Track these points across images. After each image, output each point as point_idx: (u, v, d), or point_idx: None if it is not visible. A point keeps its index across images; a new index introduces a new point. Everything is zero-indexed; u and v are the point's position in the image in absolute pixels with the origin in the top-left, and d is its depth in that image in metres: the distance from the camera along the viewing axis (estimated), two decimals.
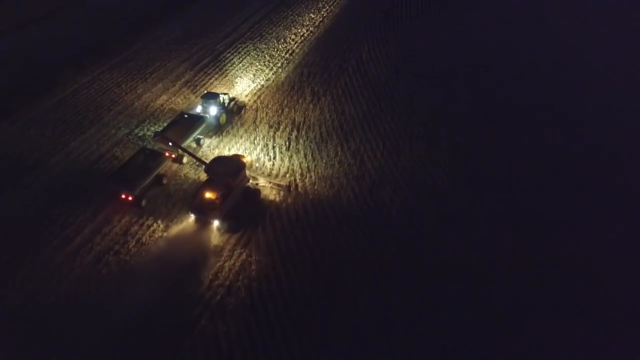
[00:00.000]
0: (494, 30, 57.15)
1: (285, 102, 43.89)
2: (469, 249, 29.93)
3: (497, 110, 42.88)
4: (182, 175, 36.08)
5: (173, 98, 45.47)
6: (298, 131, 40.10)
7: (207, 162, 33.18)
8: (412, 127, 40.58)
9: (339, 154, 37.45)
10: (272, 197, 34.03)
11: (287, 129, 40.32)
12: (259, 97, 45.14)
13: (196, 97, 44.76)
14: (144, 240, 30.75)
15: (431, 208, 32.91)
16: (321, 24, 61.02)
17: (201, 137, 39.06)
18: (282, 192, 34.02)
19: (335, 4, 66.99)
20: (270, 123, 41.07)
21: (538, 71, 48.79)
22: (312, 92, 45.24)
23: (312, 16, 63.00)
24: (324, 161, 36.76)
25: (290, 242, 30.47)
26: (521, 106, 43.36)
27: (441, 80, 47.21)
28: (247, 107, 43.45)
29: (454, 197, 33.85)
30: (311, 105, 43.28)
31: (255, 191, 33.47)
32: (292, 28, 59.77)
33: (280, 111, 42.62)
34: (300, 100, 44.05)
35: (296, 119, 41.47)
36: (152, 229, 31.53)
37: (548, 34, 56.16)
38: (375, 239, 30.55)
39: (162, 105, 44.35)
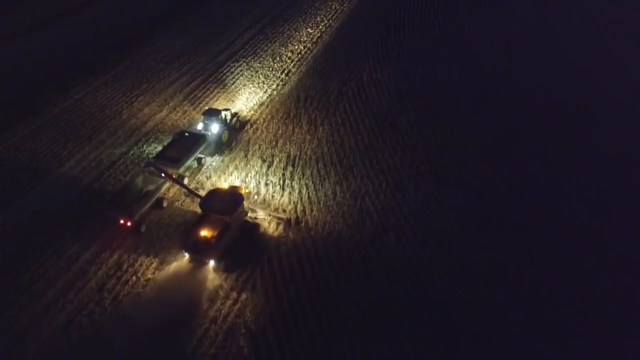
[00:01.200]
0: (503, 47, 53.99)
1: (280, 132, 40.71)
2: (482, 309, 26.78)
3: (510, 141, 39.69)
4: (183, 198, 33.99)
5: (160, 125, 42.27)
6: (293, 167, 36.92)
7: (202, 195, 30.93)
8: (418, 161, 37.42)
9: (338, 194, 34.29)
10: (271, 230, 31.52)
11: (282, 164, 37.15)
12: (251, 125, 41.94)
13: (184, 124, 41.56)
14: (133, 282, 28.19)
15: (439, 257, 29.77)
16: (319, 39, 57.90)
17: (202, 156, 37.09)
18: (282, 226, 31.61)
19: (334, 17, 63.88)
20: (264, 157, 37.89)
21: (554, 100, 45.62)
22: (309, 121, 42.06)
23: (310, 31, 59.88)
24: (321, 203, 33.59)
25: (290, 288, 27.76)
26: (537, 137, 40.14)
27: (448, 105, 44.05)
28: (238, 138, 40.32)
29: (464, 243, 30.71)
30: (308, 136, 40.10)
31: (254, 225, 31.13)
32: (289, 44, 56.61)
33: (274, 143, 39.44)
34: (296, 130, 40.87)
35: (291, 152, 38.28)
36: (144, 268, 28.95)
37: (565, 64, 52.97)
38: (378, 295, 27.39)
39: (147, 133, 41.16)
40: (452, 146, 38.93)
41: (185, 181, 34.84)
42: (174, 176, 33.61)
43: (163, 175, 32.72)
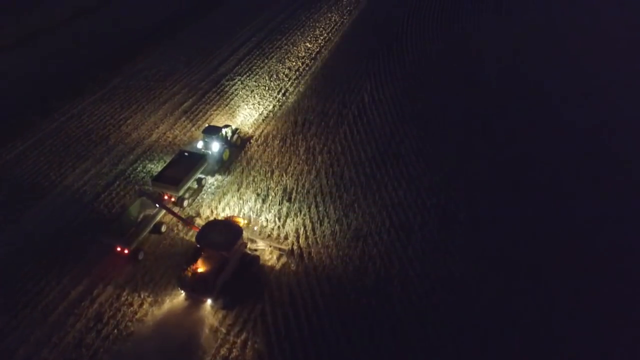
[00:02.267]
0: (511, 63, 51.59)
1: (276, 161, 38.20)
2: None
3: (522, 171, 37.27)
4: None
5: (148, 152, 39.76)
6: (290, 202, 34.44)
7: (199, 227, 29.36)
8: (424, 195, 34.98)
9: (338, 234, 31.81)
10: (272, 262, 29.72)
11: (277, 199, 34.65)
12: (245, 153, 39.43)
13: (174, 149, 38.81)
14: (127, 320, 26.37)
15: (448, 309, 27.32)
16: (318, 55, 55.40)
17: (203, 176, 35.97)
18: (283, 257, 29.97)
19: (334, 30, 61.40)
20: (258, 191, 35.37)
21: (566, 120, 43.23)
22: (306, 149, 39.56)
23: (309, 46, 57.38)
24: (319, 244, 31.13)
25: (299, 310, 26.36)
26: (552, 163, 37.67)
27: (454, 130, 41.61)
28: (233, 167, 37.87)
29: (475, 293, 28.28)
30: (305, 167, 37.60)
31: (254, 258, 29.27)
32: (286, 60, 54.12)
33: (269, 174, 36.93)
34: (293, 159, 38.36)
35: (288, 186, 35.79)
36: (136, 306, 27.08)
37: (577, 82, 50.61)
38: (382, 355, 24.96)
39: (134, 161, 38.69)
40: (460, 177, 36.49)
41: (185, 203, 33.80)
42: (172, 199, 33.01)
43: (157, 205, 31.33)
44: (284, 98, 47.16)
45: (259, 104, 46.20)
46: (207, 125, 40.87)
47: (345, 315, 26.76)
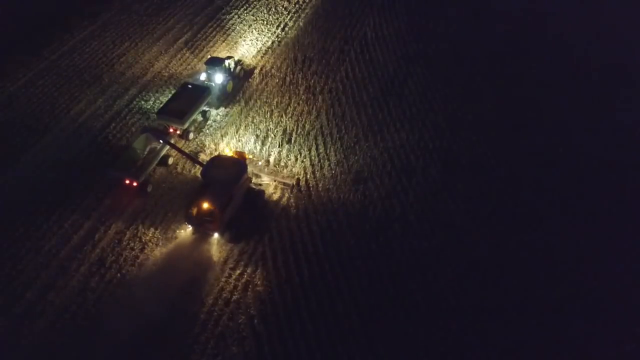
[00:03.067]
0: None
1: (276, 101, 37.02)
2: (492, 316, 24.84)
3: (527, 114, 36.14)
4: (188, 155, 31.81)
5: (144, 93, 38.50)
6: (290, 143, 33.72)
7: (204, 162, 29.24)
8: (426, 137, 34.18)
9: (339, 177, 31.38)
10: (277, 196, 30.13)
11: (277, 140, 33.87)
12: (244, 93, 38.16)
13: (170, 89, 37.59)
14: (135, 254, 27.17)
15: (447, 253, 27.47)
16: None
17: (207, 109, 35.67)
18: (289, 192, 30.26)
19: None
20: (257, 132, 34.54)
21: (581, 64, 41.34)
22: (307, 88, 38.21)
23: None
24: (320, 188, 30.79)
25: (299, 255, 26.69)
26: (562, 109, 36.37)
27: (461, 70, 39.95)
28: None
29: (475, 237, 28.29)
30: (306, 107, 36.49)
31: (259, 192, 29.70)
32: None
33: (269, 114, 35.92)
34: (293, 99, 37.17)
35: (288, 127, 34.90)
36: (147, 237, 27.90)
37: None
38: (380, 297, 25.37)
39: (130, 101, 37.58)
40: (464, 119, 35.49)
41: (191, 136, 33.88)
42: (178, 131, 32.87)
43: (161, 142, 31.18)
44: (283, 33, 45.02)
45: (257, 40, 44.20)
46: (209, 56, 39.51)
47: (345, 260, 26.89)
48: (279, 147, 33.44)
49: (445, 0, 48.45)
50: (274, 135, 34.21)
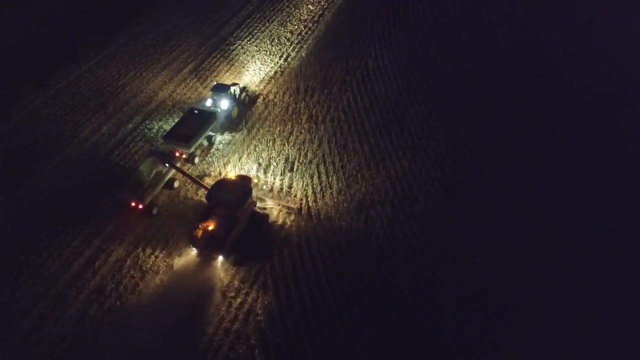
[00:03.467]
0: (522, 32, 49.53)
1: (278, 130, 37.32)
2: (499, 346, 24.31)
3: (529, 142, 36.28)
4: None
5: (147, 122, 38.87)
6: (292, 171, 33.79)
7: (209, 186, 29.69)
8: (429, 165, 34.26)
9: (341, 205, 31.31)
10: (280, 222, 30.22)
11: (279, 169, 33.98)
12: (246, 121, 38.53)
13: (174, 119, 37.94)
14: (137, 281, 26.99)
15: (452, 281, 27.11)
16: (321, 18, 53.44)
17: (213, 134, 36.22)
18: (292, 217, 30.46)
19: None
20: (260, 160, 34.68)
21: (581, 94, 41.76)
22: (309, 117, 38.59)
23: (311, 8, 55.27)
24: (322, 216, 30.71)
25: (301, 283, 26.43)
26: (562, 140, 36.53)
27: (462, 99, 40.36)
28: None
29: (479, 266, 27.98)
30: (308, 136, 36.77)
31: (264, 216, 29.92)
32: (288, 24, 52.28)
33: (271, 143, 36.18)
34: (295, 128, 37.48)
35: (290, 155, 35.08)
36: (147, 265, 27.74)
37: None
38: (385, 326, 24.89)
39: (134, 129, 37.86)
40: (465, 148, 35.63)
41: (196, 160, 34.30)
42: (183, 156, 33.35)
43: (167, 165, 31.65)
44: (285, 63, 45.77)
45: (260, 70, 44.91)
46: (214, 83, 40.33)
47: (347, 289, 26.54)
48: (281, 175, 33.51)
49: (445, 31, 49.31)
50: (277, 164, 34.36)
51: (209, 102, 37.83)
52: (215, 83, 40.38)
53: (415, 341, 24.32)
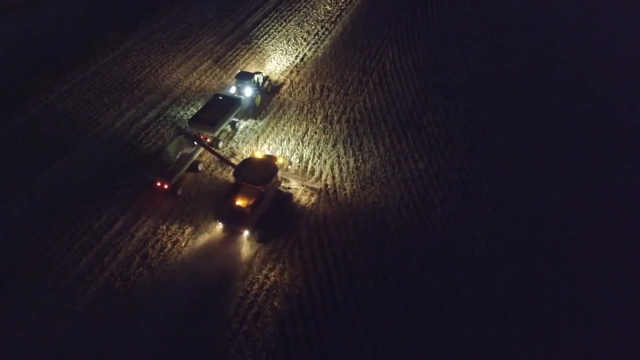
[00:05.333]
0: (543, 35, 48.51)
1: (293, 129, 36.77)
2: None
3: (549, 148, 35.29)
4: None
5: (161, 117, 38.60)
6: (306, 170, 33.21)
7: (236, 164, 30.54)
8: (445, 169, 33.40)
9: (355, 208, 30.61)
10: (304, 201, 30.93)
11: (293, 169, 33.39)
12: (261, 119, 38.06)
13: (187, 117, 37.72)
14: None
15: (467, 290, 26.22)
16: (338, 19, 52.89)
17: (237, 120, 37.04)
18: (315, 196, 31.10)
19: None
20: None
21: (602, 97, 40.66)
22: (324, 117, 37.97)
23: (329, 9, 54.81)
24: (336, 217, 30.00)
25: (313, 286, 26.08)
26: (585, 142, 35.51)
27: (480, 102, 39.45)
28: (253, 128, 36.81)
29: (494, 273, 27.07)
30: (323, 136, 36.14)
31: (288, 195, 30.58)
32: (305, 24, 51.82)
33: (286, 141, 35.63)
34: (310, 128, 36.89)
35: (304, 155, 34.49)
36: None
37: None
38: (396, 335, 24.10)
39: (147, 125, 37.62)
40: (483, 152, 34.71)
41: (220, 144, 35.01)
42: (208, 140, 34.01)
43: (195, 143, 32.64)
44: (301, 64, 45.24)
45: (276, 68, 44.44)
46: (238, 71, 40.92)
47: (360, 292, 25.84)
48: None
49: (464, 34, 48.45)
50: (288, 169, 33.69)
51: (233, 89, 38.42)
52: (239, 71, 40.84)
53: (427, 347, 23.50)
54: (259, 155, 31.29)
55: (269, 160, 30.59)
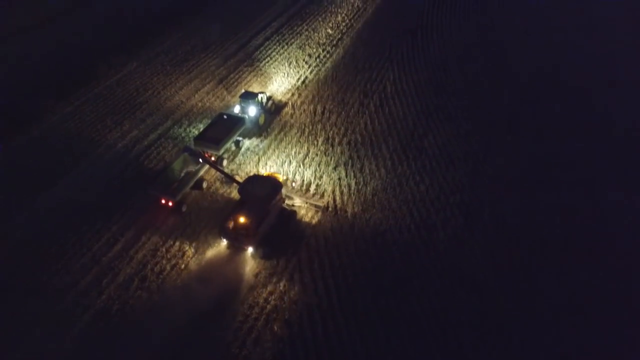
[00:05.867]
0: (540, 56, 48.94)
1: (294, 151, 36.81)
2: None
3: (550, 169, 35.25)
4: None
5: (162, 139, 38.76)
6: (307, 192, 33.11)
7: (240, 181, 30.80)
8: (447, 191, 33.30)
9: (356, 230, 30.42)
10: (308, 218, 31.10)
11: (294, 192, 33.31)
12: (262, 141, 38.18)
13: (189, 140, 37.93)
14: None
15: (470, 312, 25.82)
16: (340, 42, 53.56)
17: (240, 139, 37.51)
18: (319, 213, 31.29)
19: (356, 17, 59.28)
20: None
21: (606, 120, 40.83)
22: (325, 139, 38.08)
23: (330, 32, 55.54)
24: (337, 239, 29.77)
25: (314, 310, 25.71)
26: (587, 165, 35.45)
27: (481, 124, 39.58)
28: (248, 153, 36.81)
29: (497, 294, 26.71)
30: (324, 158, 36.17)
31: (292, 213, 31.05)
32: (306, 47, 52.43)
33: (287, 163, 35.63)
34: (311, 150, 36.95)
35: (305, 177, 34.44)
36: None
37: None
38: (399, 355, 23.66)
39: (149, 146, 37.70)
40: (485, 174, 34.66)
41: (225, 163, 35.39)
42: (212, 158, 34.17)
43: (200, 160, 32.89)
44: (303, 86, 45.61)
45: (277, 91, 44.74)
46: (242, 91, 41.20)
47: (361, 316, 25.46)
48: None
49: (464, 56, 48.95)
50: (292, 187, 33.65)
51: (237, 109, 39.02)
52: (243, 91, 41.17)
53: None
54: (263, 172, 31.60)
55: (273, 177, 30.84)
